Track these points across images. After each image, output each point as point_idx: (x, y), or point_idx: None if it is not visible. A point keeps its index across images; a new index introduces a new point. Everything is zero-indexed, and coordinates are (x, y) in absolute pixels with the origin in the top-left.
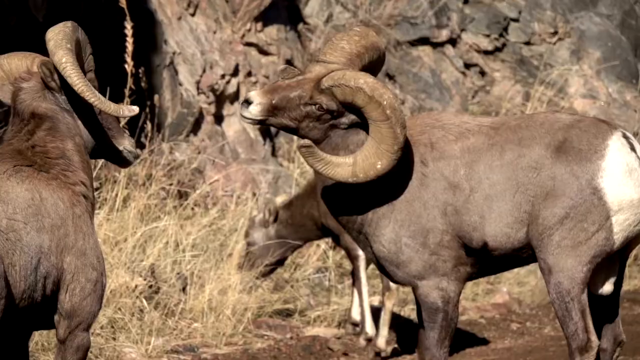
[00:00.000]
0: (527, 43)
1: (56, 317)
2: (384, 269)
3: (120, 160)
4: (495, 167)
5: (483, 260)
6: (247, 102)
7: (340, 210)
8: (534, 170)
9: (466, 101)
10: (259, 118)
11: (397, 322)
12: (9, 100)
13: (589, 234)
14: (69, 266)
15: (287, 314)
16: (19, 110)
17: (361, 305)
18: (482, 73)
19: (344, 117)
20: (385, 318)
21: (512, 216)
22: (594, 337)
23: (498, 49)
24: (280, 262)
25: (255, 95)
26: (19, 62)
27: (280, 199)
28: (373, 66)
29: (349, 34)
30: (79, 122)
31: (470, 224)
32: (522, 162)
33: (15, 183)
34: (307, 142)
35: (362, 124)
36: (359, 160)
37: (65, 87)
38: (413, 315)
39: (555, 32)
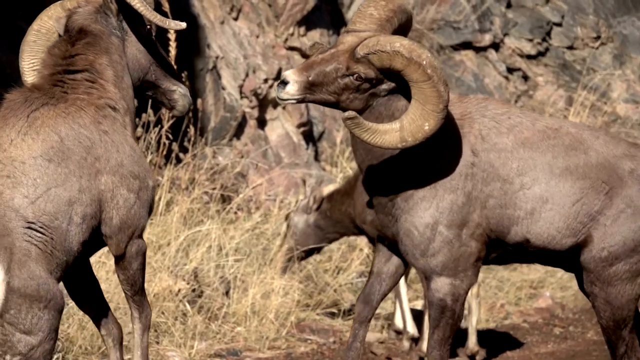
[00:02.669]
0: (570, 47)
1: (105, 238)
2: (399, 247)
3: (172, 102)
4: (557, 169)
5: (506, 253)
6: (284, 83)
7: (379, 175)
8: (604, 185)
9: None
10: (296, 97)
11: None
12: (62, 31)
13: None
14: (106, 185)
15: (331, 317)
16: (70, 27)
17: (401, 307)
18: (525, 77)
19: (384, 84)
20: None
21: (564, 222)
22: None
23: (541, 54)
24: (316, 250)
25: (291, 74)
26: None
27: (329, 189)
28: (403, 29)
29: (375, 1)
30: (129, 49)
31: (513, 218)
32: (590, 173)
33: (31, 141)
34: (351, 113)
35: (402, 89)
36: (405, 125)
37: (124, 13)
38: None
39: (598, 37)
